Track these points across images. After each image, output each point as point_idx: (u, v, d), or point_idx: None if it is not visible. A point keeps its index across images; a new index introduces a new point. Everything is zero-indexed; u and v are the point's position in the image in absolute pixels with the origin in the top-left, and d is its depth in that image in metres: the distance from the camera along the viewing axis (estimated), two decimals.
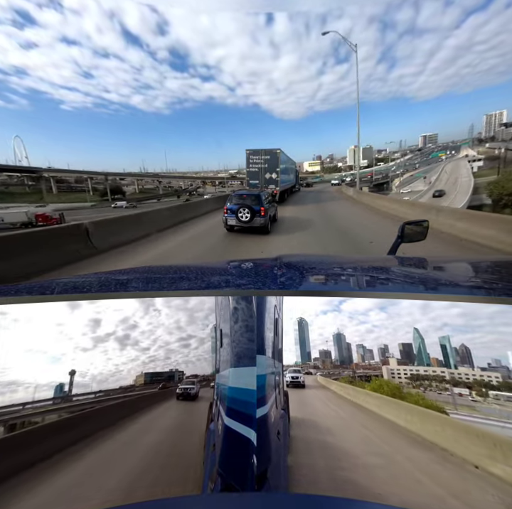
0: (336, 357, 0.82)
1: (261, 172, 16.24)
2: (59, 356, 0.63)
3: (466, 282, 0.91)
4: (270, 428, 0.60)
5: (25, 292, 0.75)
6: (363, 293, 0.74)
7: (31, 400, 0.61)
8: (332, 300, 0.68)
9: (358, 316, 0.67)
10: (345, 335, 0.76)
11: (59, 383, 0.61)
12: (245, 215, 8.11)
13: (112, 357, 0.66)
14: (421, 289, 0.77)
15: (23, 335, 0.61)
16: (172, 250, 7.42)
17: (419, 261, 1.36)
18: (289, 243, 7.58)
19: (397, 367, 0.74)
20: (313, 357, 0.83)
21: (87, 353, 0.64)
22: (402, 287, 0.84)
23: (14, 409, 0.59)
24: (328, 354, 0.82)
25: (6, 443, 0.61)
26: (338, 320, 0.69)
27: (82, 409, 0.66)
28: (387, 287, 0.86)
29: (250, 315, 0.65)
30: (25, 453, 0.60)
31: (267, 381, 0.64)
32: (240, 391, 0.60)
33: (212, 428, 0.66)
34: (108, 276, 1.03)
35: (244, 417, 0.57)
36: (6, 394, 0.58)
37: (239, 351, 0.64)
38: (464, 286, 0.82)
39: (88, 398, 0.65)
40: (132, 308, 0.67)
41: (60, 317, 0.64)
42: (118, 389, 0.68)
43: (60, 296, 0.71)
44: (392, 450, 0.64)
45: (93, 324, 0.65)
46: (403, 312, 0.62)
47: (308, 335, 0.81)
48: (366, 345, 0.73)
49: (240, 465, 0.54)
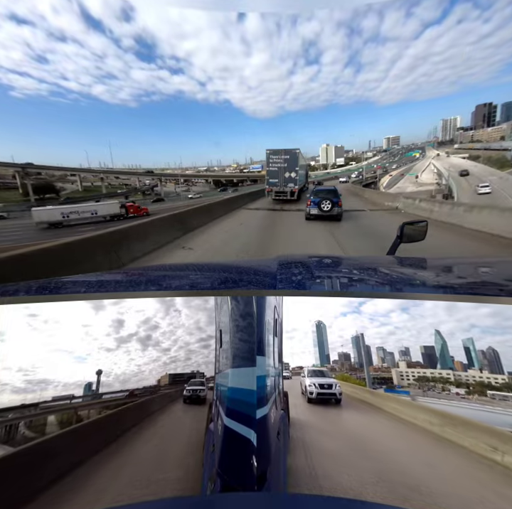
0: (355, 360, 0.81)
1: (280, 171, 16.54)
2: (85, 356, 0.65)
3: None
4: (270, 428, 0.60)
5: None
6: (363, 293, 0.73)
7: (59, 397, 0.63)
8: (351, 301, 0.67)
9: (378, 318, 0.66)
10: (364, 337, 0.75)
11: (87, 382, 0.63)
12: (327, 205, 10.72)
13: (134, 357, 0.68)
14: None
15: (51, 336, 0.63)
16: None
17: (419, 262, 1.34)
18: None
19: (406, 370, 0.73)
20: (332, 359, 0.82)
21: (111, 353, 0.67)
22: (406, 287, 0.82)
23: (45, 405, 0.62)
24: (347, 356, 0.81)
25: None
26: (359, 322, 0.68)
27: (107, 408, 0.68)
28: (388, 287, 0.84)
29: (250, 315, 0.64)
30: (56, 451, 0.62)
31: (267, 382, 0.64)
32: (240, 391, 0.60)
33: (212, 428, 0.66)
34: (107, 276, 1.03)
35: (244, 418, 0.57)
36: (36, 392, 0.61)
37: (239, 352, 0.63)
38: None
39: (113, 397, 0.67)
40: (153, 308, 0.68)
41: (85, 318, 0.66)
42: (141, 389, 0.69)
43: (59, 296, 0.71)
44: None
45: (116, 325, 0.67)
46: (427, 313, 0.61)
47: (326, 338, 0.80)
48: (387, 347, 0.72)
49: (239, 466, 0.54)
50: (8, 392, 0.58)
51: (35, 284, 0.83)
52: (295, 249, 7.08)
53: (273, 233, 9.14)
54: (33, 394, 0.60)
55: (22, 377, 0.59)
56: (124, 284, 0.92)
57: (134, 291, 0.75)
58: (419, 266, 1.27)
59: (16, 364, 0.59)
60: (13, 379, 0.58)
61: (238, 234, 9.09)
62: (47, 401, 0.62)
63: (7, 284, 0.80)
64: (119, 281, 0.98)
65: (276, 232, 9.27)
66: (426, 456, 0.63)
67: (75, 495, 0.55)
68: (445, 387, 0.67)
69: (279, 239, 8.27)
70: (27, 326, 0.62)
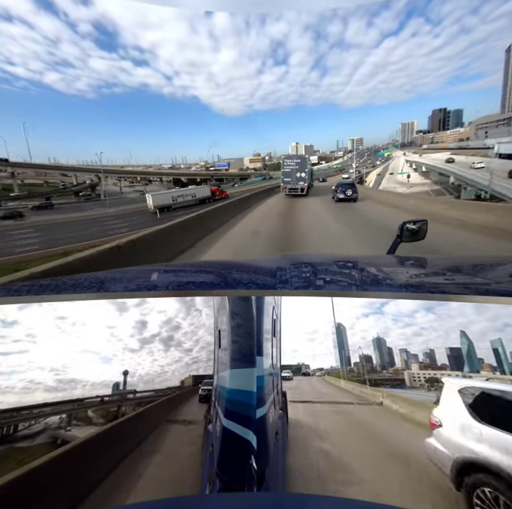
0: (377, 362, 0.79)
1: (293, 172, 21.22)
2: (110, 357, 0.67)
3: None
4: (269, 429, 0.60)
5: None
6: (364, 292, 0.71)
7: (87, 396, 0.66)
8: (373, 302, 0.66)
9: (403, 318, 0.65)
10: (385, 340, 0.74)
11: (115, 382, 0.65)
12: (349, 192, 16.41)
13: (157, 358, 0.69)
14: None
15: (79, 337, 0.66)
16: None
17: (419, 261, 1.33)
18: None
19: (418, 372, 0.71)
20: (353, 361, 0.81)
21: (135, 354, 0.68)
22: (406, 287, 0.80)
23: (75, 403, 0.64)
24: (368, 358, 0.79)
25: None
26: (381, 323, 0.67)
27: (133, 408, 0.70)
28: (390, 287, 0.83)
29: (249, 315, 0.64)
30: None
31: (266, 382, 0.64)
32: (239, 392, 0.60)
33: (211, 429, 0.66)
34: (106, 275, 1.02)
35: (243, 419, 0.57)
36: (67, 391, 0.63)
37: (238, 352, 0.63)
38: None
39: (138, 397, 0.69)
40: (174, 309, 0.70)
41: (110, 319, 0.69)
42: (165, 389, 0.70)
43: (64, 296, 0.70)
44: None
45: (140, 326, 0.69)
46: (453, 313, 0.59)
47: (346, 339, 0.79)
48: (410, 349, 0.70)
49: (238, 466, 0.54)
50: (40, 391, 0.60)
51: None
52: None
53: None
54: (63, 392, 0.63)
55: (53, 376, 0.61)
56: (123, 284, 0.91)
57: (133, 291, 0.75)
58: (418, 265, 1.26)
59: (48, 364, 0.61)
60: (46, 379, 0.61)
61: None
62: (76, 399, 0.64)
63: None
64: (115, 280, 0.97)
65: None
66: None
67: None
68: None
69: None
70: (56, 328, 0.65)
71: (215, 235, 8.82)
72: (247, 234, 8.96)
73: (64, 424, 0.65)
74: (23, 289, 0.76)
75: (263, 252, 6.47)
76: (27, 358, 0.59)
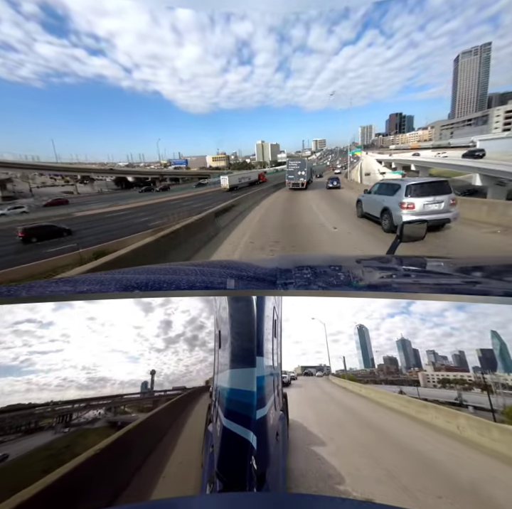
0: (402, 364, 0.77)
1: (295, 171, 27.81)
2: (137, 356, 0.69)
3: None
4: (269, 429, 0.60)
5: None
6: (366, 292, 0.71)
7: (116, 394, 0.68)
8: (398, 302, 0.65)
9: (432, 318, 0.63)
10: (409, 341, 0.72)
11: (143, 381, 0.67)
12: (335, 182, 25.76)
13: (182, 357, 0.71)
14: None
15: (108, 337, 0.68)
16: None
17: (418, 261, 1.33)
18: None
19: (432, 373, 0.70)
20: (377, 363, 0.79)
21: (161, 353, 0.70)
22: (409, 286, 0.81)
23: (106, 401, 0.67)
24: (393, 360, 0.78)
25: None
26: (409, 323, 0.66)
27: (158, 406, 0.71)
28: (390, 287, 0.82)
29: (250, 315, 0.64)
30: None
31: (266, 382, 0.63)
32: (239, 392, 0.60)
33: (211, 429, 0.66)
34: (106, 276, 1.03)
35: (243, 419, 0.57)
36: (96, 389, 0.65)
37: (238, 352, 0.63)
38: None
39: (164, 396, 0.70)
40: (198, 309, 0.71)
41: (137, 319, 0.71)
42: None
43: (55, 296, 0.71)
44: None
45: (164, 326, 0.71)
46: (481, 313, 0.57)
47: (369, 341, 0.78)
48: (439, 351, 0.68)
49: (238, 467, 0.54)
50: (73, 388, 0.63)
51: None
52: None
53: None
54: (94, 390, 0.65)
55: (85, 374, 0.64)
56: (122, 284, 0.91)
57: (132, 291, 0.75)
58: (417, 265, 1.26)
59: (80, 363, 0.64)
60: (78, 377, 0.63)
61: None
62: (106, 396, 0.67)
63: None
64: (113, 281, 0.97)
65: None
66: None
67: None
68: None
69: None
70: (87, 328, 0.67)
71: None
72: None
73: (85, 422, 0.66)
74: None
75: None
76: (61, 357, 0.61)
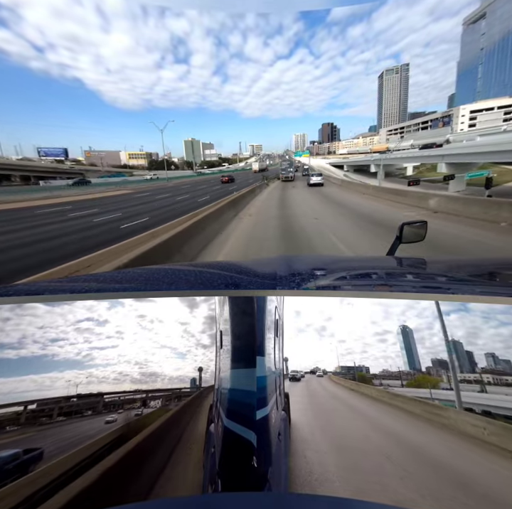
0: (451, 366, 0.74)
1: (286, 168, 43.11)
2: (185, 352, 0.71)
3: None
4: (271, 429, 0.60)
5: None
6: (366, 292, 0.70)
7: (164, 388, 0.71)
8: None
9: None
10: (461, 342, 0.69)
11: (192, 378, 0.69)
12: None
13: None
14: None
15: (157, 333, 0.71)
16: None
17: (418, 262, 1.34)
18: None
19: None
20: (424, 365, 0.77)
21: (207, 350, 0.72)
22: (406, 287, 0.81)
23: (154, 394, 0.70)
24: (442, 363, 0.75)
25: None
26: (469, 322, 0.62)
27: None
28: (390, 287, 0.82)
29: (251, 315, 0.64)
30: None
31: (267, 382, 0.63)
32: (240, 393, 0.60)
33: (212, 430, 0.66)
34: (106, 275, 1.04)
35: (244, 419, 0.57)
36: (148, 383, 0.69)
37: (239, 352, 0.63)
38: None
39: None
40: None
41: (183, 315, 0.72)
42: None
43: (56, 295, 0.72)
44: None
45: (210, 322, 0.72)
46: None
47: (414, 342, 0.75)
48: (498, 353, 0.64)
49: (240, 468, 0.54)
50: (128, 382, 0.66)
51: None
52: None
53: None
54: (146, 385, 0.69)
55: (138, 369, 0.67)
56: (121, 284, 0.93)
57: (131, 292, 0.75)
58: (414, 266, 1.28)
59: (133, 358, 0.67)
60: (132, 371, 0.66)
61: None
62: (155, 389, 0.70)
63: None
64: (113, 280, 0.99)
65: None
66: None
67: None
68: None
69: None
70: (138, 325, 0.70)
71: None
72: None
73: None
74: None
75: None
76: (117, 352, 0.65)
